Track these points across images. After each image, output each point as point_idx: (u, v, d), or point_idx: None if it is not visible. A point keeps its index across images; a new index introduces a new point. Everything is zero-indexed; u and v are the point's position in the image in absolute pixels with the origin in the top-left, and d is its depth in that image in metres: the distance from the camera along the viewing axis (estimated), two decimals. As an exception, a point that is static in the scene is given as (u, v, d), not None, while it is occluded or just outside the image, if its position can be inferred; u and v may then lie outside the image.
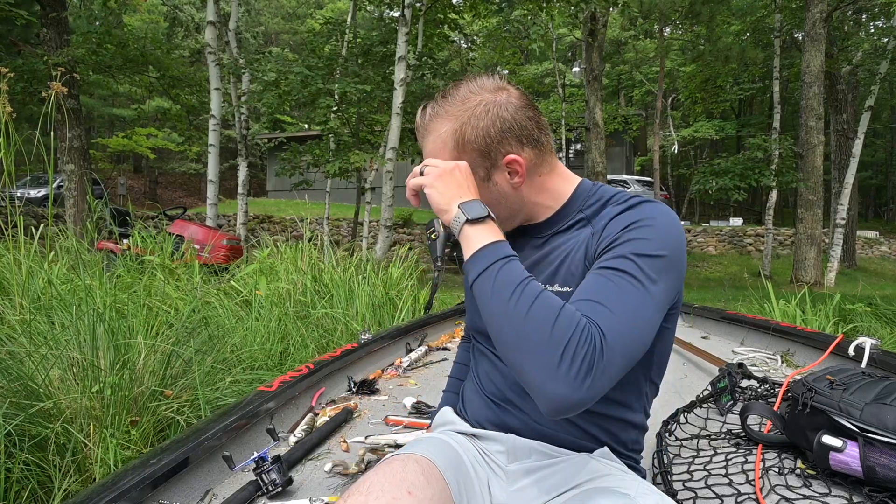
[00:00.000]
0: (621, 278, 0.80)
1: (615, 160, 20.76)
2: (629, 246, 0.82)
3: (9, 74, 2.77)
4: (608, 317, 0.76)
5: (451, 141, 0.91)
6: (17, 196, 7.77)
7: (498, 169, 0.92)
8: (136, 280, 3.26)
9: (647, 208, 0.87)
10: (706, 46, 15.52)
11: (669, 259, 0.83)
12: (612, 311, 0.76)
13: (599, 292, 0.79)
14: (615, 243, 0.84)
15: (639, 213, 0.86)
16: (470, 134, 0.90)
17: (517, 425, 0.94)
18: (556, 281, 0.91)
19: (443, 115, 0.92)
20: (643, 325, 0.79)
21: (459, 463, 0.91)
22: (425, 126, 0.95)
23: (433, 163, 0.91)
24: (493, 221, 0.86)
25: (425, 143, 0.95)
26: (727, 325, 2.92)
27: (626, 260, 0.81)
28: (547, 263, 0.95)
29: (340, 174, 8.76)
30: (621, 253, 0.82)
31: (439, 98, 0.94)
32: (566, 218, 0.97)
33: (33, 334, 1.95)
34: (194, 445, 1.17)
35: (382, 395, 1.90)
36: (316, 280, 3.93)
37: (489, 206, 0.88)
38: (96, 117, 25.00)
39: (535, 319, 0.74)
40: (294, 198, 19.88)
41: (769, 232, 13.24)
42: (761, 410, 1.42)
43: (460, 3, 10.57)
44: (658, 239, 0.83)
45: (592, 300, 0.78)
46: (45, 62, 8.33)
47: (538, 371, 0.73)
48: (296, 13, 31.56)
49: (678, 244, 0.85)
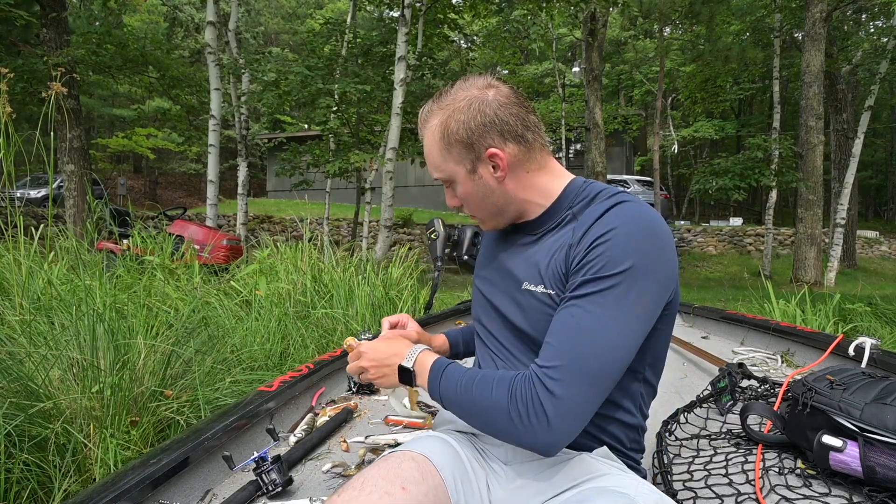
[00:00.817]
0: (579, 308, 0.83)
1: (615, 160, 20.77)
2: (590, 269, 0.85)
3: (9, 75, 2.77)
4: (553, 355, 0.82)
5: (437, 132, 0.97)
6: (17, 196, 7.78)
7: (481, 162, 0.96)
8: (135, 280, 3.26)
9: (613, 217, 0.87)
10: (706, 46, 15.51)
11: (637, 267, 0.83)
12: (558, 348, 0.82)
13: (555, 331, 0.85)
14: (581, 266, 0.86)
15: (603, 226, 0.86)
16: (453, 126, 0.95)
17: None
18: (542, 282, 0.93)
19: (435, 111, 0.98)
20: (606, 346, 0.81)
21: (457, 461, 0.92)
22: (422, 121, 1.01)
23: (360, 360, 1.03)
24: (423, 354, 0.97)
25: (423, 138, 1.01)
26: (727, 324, 2.91)
27: (586, 286, 0.84)
28: (534, 264, 0.96)
29: (340, 174, 8.76)
30: (581, 279, 0.85)
31: (436, 96, 1.00)
32: (556, 216, 0.98)
33: (33, 335, 1.95)
34: (194, 445, 1.17)
35: (382, 395, 1.90)
36: (316, 280, 3.93)
37: (477, 200, 1.00)
38: (96, 117, 25.00)
39: (479, 398, 0.86)
40: (294, 198, 19.89)
41: (769, 232, 13.24)
42: (761, 410, 1.42)
43: (460, 3, 10.56)
44: (620, 251, 0.83)
45: (548, 341, 0.85)
46: (44, 62, 8.33)
47: (506, 434, 0.84)
48: (296, 13, 31.56)
49: (647, 248, 0.84)
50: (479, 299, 1.12)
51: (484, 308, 1.09)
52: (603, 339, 0.81)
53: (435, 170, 1.00)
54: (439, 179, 1.01)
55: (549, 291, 0.91)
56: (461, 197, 1.01)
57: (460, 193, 1.00)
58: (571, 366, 0.80)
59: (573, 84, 23.06)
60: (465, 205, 1.03)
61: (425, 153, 1.01)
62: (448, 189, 1.03)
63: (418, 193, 20.76)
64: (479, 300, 1.12)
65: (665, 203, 18.94)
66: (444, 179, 1.00)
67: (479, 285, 1.13)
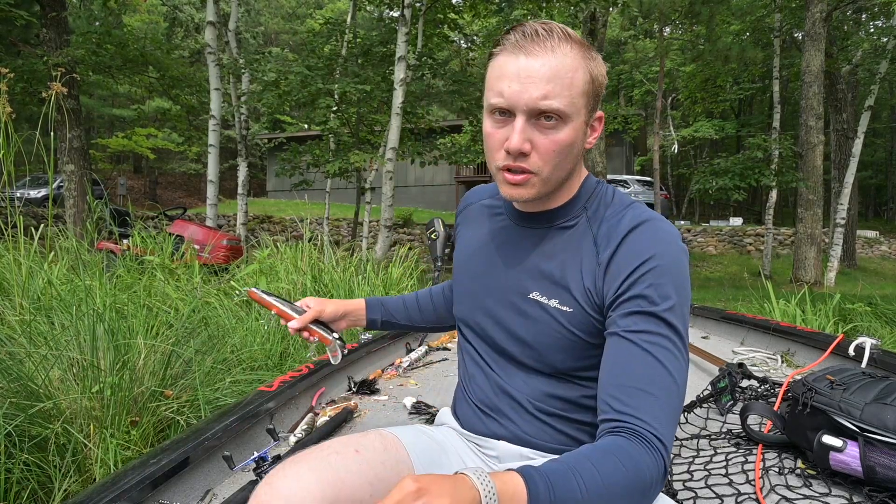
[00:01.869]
0: (657, 347, 0.77)
1: (615, 160, 20.77)
2: (650, 297, 0.79)
3: (9, 75, 2.77)
4: (657, 408, 0.75)
5: (582, 66, 0.83)
6: (16, 196, 7.77)
7: (594, 119, 0.88)
8: (136, 280, 3.26)
9: (651, 240, 0.82)
10: (706, 46, 15.50)
11: (686, 295, 0.82)
12: (658, 398, 0.75)
13: (643, 377, 0.76)
14: (632, 291, 0.80)
15: (648, 246, 0.81)
16: (595, 70, 0.85)
17: (505, 434, 0.94)
18: (557, 297, 0.88)
19: (568, 40, 0.83)
20: (683, 387, 0.79)
21: (437, 453, 0.92)
22: (543, 38, 0.81)
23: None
24: (500, 488, 0.62)
25: (549, 54, 0.80)
26: (727, 324, 2.91)
27: (656, 320, 0.78)
28: (545, 274, 0.90)
29: (340, 174, 8.77)
30: (646, 309, 0.79)
31: (551, 27, 0.83)
32: (572, 211, 0.92)
33: (33, 335, 1.95)
34: (194, 445, 1.17)
35: (382, 395, 1.90)
36: (316, 280, 3.93)
37: (566, 152, 0.83)
38: (96, 117, 25.00)
39: (620, 493, 0.69)
40: (294, 198, 19.89)
41: (769, 232, 13.24)
42: (761, 410, 1.42)
43: (460, 3, 10.56)
44: (675, 278, 0.80)
45: (639, 388, 0.76)
46: (44, 62, 8.34)
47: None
48: (295, 13, 31.55)
49: (687, 273, 0.84)
50: (469, 301, 1.01)
51: (477, 311, 0.99)
52: (682, 379, 0.79)
53: (558, 97, 0.80)
54: (547, 108, 0.80)
55: (565, 308, 0.86)
56: (555, 141, 0.82)
57: (560, 138, 0.82)
58: (673, 414, 0.77)
59: (573, 84, 22.99)
60: (547, 153, 0.83)
61: (547, 71, 0.79)
62: (537, 124, 0.82)
63: (418, 193, 20.77)
64: (468, 301, 1.01)
65: (665, 203, 18.94)
66: (556, 111, 0.80)
67: (467, 284, 1.02)
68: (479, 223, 1.05)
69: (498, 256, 0.98)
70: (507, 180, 0.85)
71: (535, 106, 0.79)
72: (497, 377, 0.95)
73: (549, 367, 0.90)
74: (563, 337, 0.87)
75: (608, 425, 0.76)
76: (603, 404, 0.78)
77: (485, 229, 1.03)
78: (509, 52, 0.81)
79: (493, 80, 0.83)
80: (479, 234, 1.04)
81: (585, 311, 0.85)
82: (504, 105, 0.81)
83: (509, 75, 0.81)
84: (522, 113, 0.80)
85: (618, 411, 0.75)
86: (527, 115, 0.81)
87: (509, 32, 0.83)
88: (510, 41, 0.82)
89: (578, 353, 0.88)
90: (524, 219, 0.96)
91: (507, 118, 0.83)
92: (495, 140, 0.84)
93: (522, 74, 0.80)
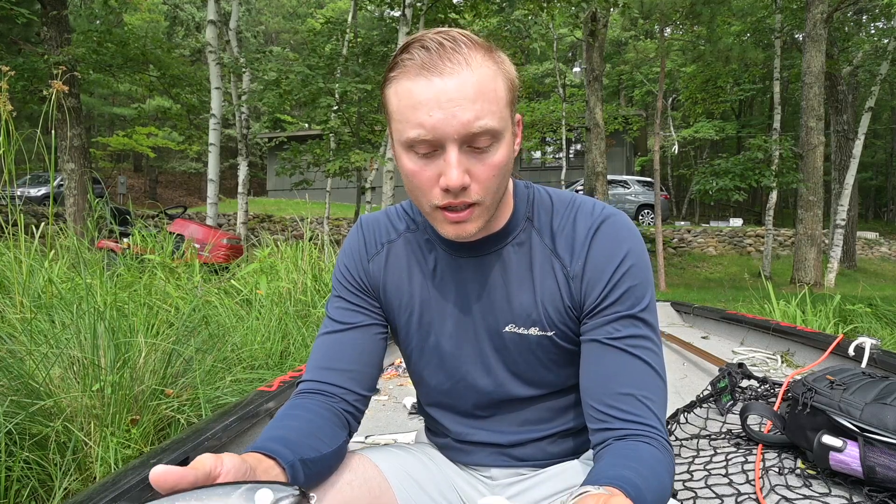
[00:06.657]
0: (642, 350, 0.78)
1: (615, 160, 20.76)
2: (630, 301, 0.79)
3: (9, 73, 2.77)
4: (657, 410, 0.77)
5: (493, 69, 0.72)
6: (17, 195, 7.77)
7: (516, 125, 0.78)
8: (136, 279, 3.26)
9: (615, 240, 0.81)
10: (707, 47, 15.49)
11: (653, 283, 0.83)
12: (655, 401, 0.78)
13: (638, 383, 0.77)
14: (612, 297, 0.79)
15: (615, 247, 0.80)
16: (509, 71, 0.75)
17: (496, 462, 0.92)
18: (536, 324, 0.83)
19: (470, 44, 0.73)
20: (666, 379, 0.82)
21: (407, 462, 0.90)
22: (449, 47, 0.70)
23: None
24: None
25: (459, 67, 0.69)
26: (727, 325, 2.92)
27: (637, 322, 0.79)
28: (515, 303, 0.83)
29: (341, 173, 8.77)
30: (626, 313, 0.79)
31: (451, 32, 0.73)
32: (518, 227, 0.84)
33: (34, 333, 1.95)
34: (195, 445, 1.17)
35: (382, 395, 1.90)
36: (316, 279, 3.93)
37: (504, 172, 0.74)
38: (97, 116, 25.00)
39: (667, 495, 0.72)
40: (294, 197, 19.87)
41: (769, 232, 13.24)
42: (761, 410, 1.42)
43: (461, 3, 10.56)
44: (644, 272, 0.81)
45: (637, 396, 0.76)
46: (45, 61, 8.34)
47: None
48: (296, 12, 31.54)
49: (649, 259, 0.84)
50: (434, 359, 0.89)
51: (447, 369, 0.89)
52: (665, 372, 0.82)
53: (488, 114, 0.69)
54: (481, 129, 0.69)
55: (547, 333, 0.83)
56: (494, 165, 0.72)
57: (497, 160, 0.72)
58: (665, 413, 0.80)
59: (574, 84, 23.05)
60: (487, 179, 0.73)
61: (470, 89, 0.68)
62: (470, 151, 0.71)
63: (418, 193, 20.69)
64: (434, 360, 0.89)
65: (665, 203, 18.93)
66: (490, 130, 0.70)
67: (429, 352, 0.89)
68: (407, 264, 0.88)
69: (446, 301, 0.86)
70: (450, 219, 0.74)
71: (468, 131, 0.68)
72: (478, 421, 0.92)
73: (543, 387, 0.88)
74: (549, 357, 0.86)
75: (614, 433, 0.75)
76: (600, 413, 0.77)
77: (416, 271, 0.88)
78: (416, 74, 0.69)
79: (404, 111, 0.70)
80: (413, 279, 0.88)
81: (568, 326, 0.84)
82: (428, 137, 0.69)
83: (427, 102, 0.68)
84: (454, 142, 0.69)
85: (622, 420, 0.75)
86: (459, 144, 0.69)
87: (406, 50, 0.70)
88: (413, 61, 0.69)
89: (565, 361, 0.87)
90: (464, 249, 0.84)
91: (433, 151, 0.71)
92: (423, 179, 0.73)
93: (443, 98, 0.68)
